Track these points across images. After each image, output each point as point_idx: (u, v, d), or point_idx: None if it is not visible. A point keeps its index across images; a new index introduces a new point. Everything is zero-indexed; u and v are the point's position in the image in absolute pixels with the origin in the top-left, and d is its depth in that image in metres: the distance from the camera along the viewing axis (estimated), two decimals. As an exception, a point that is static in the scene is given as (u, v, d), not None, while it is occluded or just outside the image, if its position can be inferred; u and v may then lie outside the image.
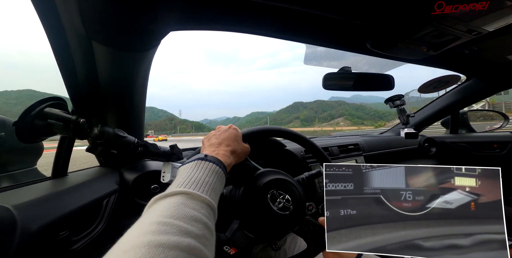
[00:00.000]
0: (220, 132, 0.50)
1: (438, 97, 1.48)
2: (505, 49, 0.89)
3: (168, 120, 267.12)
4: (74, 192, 0.54)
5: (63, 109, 0.52)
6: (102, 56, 0.52)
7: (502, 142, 1.35)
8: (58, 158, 0.62)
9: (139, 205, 0.68)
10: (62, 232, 0.46)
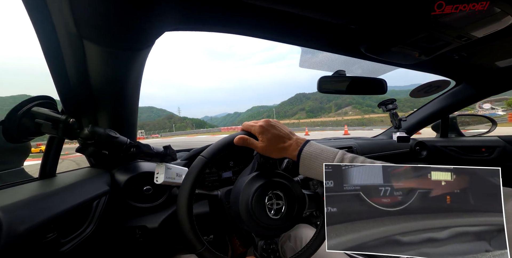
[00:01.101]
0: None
1: (429, 101, 1.51)
2: (494, 55, 0.92)
3: (167, 119, 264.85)
4: (63, 193, 0.53)
5: (52, 108, 0.51)
6: (93, 55, 0.51)
7: (490, 146, 1.39)
8: (46, 158, 0.60)
9: (131, 207, 0.67)
10: (50, 234, 0.45)
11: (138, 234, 0.66)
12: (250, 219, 0.49)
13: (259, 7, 0.55)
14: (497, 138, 1.39)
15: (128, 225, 0.66)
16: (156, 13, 0.49)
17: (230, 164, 1.01)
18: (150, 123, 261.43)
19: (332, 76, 0.91)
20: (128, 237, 0.66)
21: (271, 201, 0.50)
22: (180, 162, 0.85)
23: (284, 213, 0.50)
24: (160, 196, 0.72)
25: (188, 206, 0.47)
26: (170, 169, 0.60)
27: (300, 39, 0.74)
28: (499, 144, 1.36)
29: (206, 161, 0.48)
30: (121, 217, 0.67)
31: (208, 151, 0.49)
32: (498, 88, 1.25)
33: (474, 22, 0.56)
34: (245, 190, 0.51)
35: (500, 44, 0.80)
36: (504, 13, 0.53)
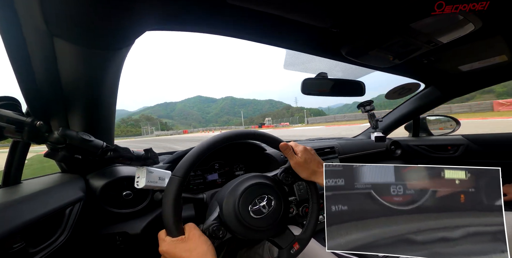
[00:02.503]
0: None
1: (402, 103, 1.62)
2: (457, 60, 1.01)
3: (285, 109, 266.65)
4: (29, 201, 0.49)
5: (15, 110, 0.46)
6: (65, 54, 0.47)
7: (455, 145, 1.52)
8: (10, 164, 0.55)
9: (110, 213, 0.63)
10: (16, 244, 0.42)
11: (119, 240, 0.63)
12: (238, 223, 0.48)
13: (243, 9, 0.55)
14: (461, 137, 1.52)
15: (107, 232, 0.63)
16: (136, 11, 0.46)
17: (215, 166, 0.99)
18: (270, 113, 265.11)
19: (314, 78, 0.94)
20: (108, 244, 0.63)
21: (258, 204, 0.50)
22: (163, 166, 0.82)
23: (270, 214, 0.51)
24: (142, 201, 0.69)
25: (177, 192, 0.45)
26: (152, 172, 0.57)
27: (284, 41, 0.76)
28: (463, 143, 1.49)
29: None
30: (99, 224, 0.64)
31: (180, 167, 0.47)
32: (460, 90, 1.38)
33: (440, 28, 0.62)
34: (231, 192, 0.51)
35: (462, 50, 0.89)
36: (466, 21, 0.58)
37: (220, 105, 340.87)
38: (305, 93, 0.94)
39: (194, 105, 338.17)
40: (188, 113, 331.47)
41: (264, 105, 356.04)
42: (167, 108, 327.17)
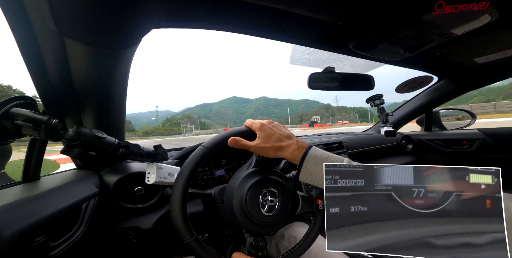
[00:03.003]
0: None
1: (414, 96, 1.57)
2: (472, 52, 0.97)
3: (324, 109, 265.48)
4: (49, 196, 0.51)
5: (32, 109, 0.48)
6: (76, 54, 0.49)
7: (470, 139, 1.46)
8: (29, 161, 0.58)
9: (123, 208, 0.66)
10: (38, 238, 0.44)
11: (131, 235, 0.65)
12: (243, 216, 0.49)
13: (249, 4, 0.55)
14: (476, 131, 1.46)
15: (120, 227, 0.65)
16: (142, 9, 0.47)
17: (223, 162, 1.01)
18: (308, 113, 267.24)
19: (321, 73, 0.92)
20: (121, 239, 0.65)
21: (265, 198, 0.51)
22: (172, 162, 0.84)
23: (278, 210, 0.51)
24: (152, 196, 0.71)
25: (182, 197, 0.47)
26: (162, 168, 0.59)
27: (290, 36, 0.75)
28: (478, 137, 1.43)
29: (206, 152, 0.49)
30: (113, 219, 0.66)
31: (210, 142, 0.50)
32: (476, 83, 1.32)
33: (454, 20, 0.59)
34: (239, 187, 0.51)
35: (478, 41, 0.85)
36: (482, 12, 0.55)
37: (254, 105, 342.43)
38: (312, 88, 0.93)
39: (230, 105, 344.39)
40: (224, 113, 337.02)
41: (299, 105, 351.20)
42: (205, 108, 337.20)
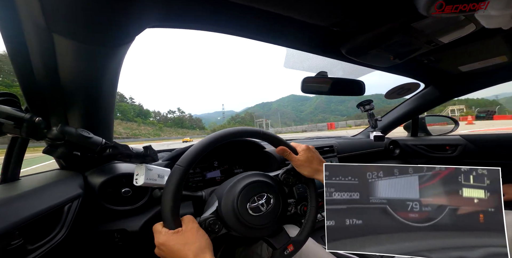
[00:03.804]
0: (167, 249, 0.41)
1: (401, 103, 1.62)
2: (457, 60, 1.02)
3: None
4: (28, 198, 0.48)
5: (14, 106, 0.46)
6: (64, 50, 0.47)
7: (453, 145, 1.52)
8: (8, 160, 0.55)
9: (109, 210, 0.63)
10: (14, 241, 0.41)
11: (117, 238, 0.63)
12: (235, 218, 0.48)
13: (244, 6, 0.55)
14: (459, 137, 1.52)
15: (105, 229, 0.63)
16: (136, 7, 0.46)
17: (214, 164, 0.99)
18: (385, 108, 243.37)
19: (314, 77, 0.93)
20: (106, 242, 0.63)
21: (257, 201, 0.51)
22: (162, 163, 0.82)
23: (268, 213, 0.51)
24: (141, 198, 0.69)
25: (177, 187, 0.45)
26: (151, 170, 0.57)
27: (284, 39, 0.75)
28: (461, 143, 1.49)
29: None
30: (98, 221, 0.64)
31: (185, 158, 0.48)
32: (460, 91, 1.38)
33: (441, 28, 0.62)
34: (231, 188, 0.51)
35: (463, 50, 0.89)
36: (467, 21, 0.58)
37: (314, 103, 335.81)
38: (304, 92, 0.94)
39: (288, 104, 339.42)
40: (283, 112, 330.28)
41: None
42: (264, 107, 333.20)
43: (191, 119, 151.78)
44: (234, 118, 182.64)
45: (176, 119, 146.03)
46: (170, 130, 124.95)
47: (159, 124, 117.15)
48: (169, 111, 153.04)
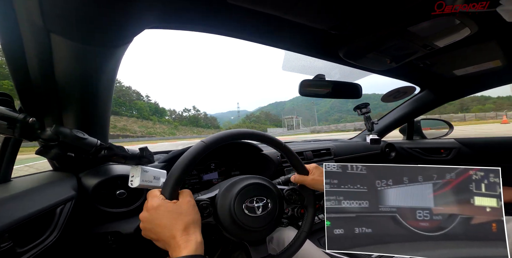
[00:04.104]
0: (154, 217, 0.40)
1: (397, 106, 1.64)
2: (452, 64, 1.03)
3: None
4: (19, 199, 0.47)
5: (8, 106, 0.45)
6: (61, 50, 0.46)
7: (448, 148, 1.54)
8: (0, 161, 0.53)
9: (103, 212, 0.62)
10: (3, 243, 0.41)
11: (111, 240, 0.62)
12: (228, 213, 0.48)
13: (243, 9, 0.55)
14: (453, 141, 1.54)
15: (99, 231, 0.62)
16: (134, 8, 0.46)
17: (211, 166, 0.99)
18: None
19: (312, 80, 0.94)
20: (100, 244, 0.62)
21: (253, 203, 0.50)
22: (158, 165, 0.81)
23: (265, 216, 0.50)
24: (136, 200, 0.68)
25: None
26: (147, 172, 0.57)
27: (283, 42, 0.76)
28: (455, 146, 1.51)
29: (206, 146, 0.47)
30: (91, 223, 0.62)
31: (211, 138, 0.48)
32: (454, 94, 1.40)
33: (437, 32, 0.63)
34: (228, 192, 0.50)
35: (458, 54, 0.90)
36: (462, 25, 0.59)
37: (329, 102, 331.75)
38: (302, 95, 0.94)
39: (302, 103, 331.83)
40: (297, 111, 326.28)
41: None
42: (277, 107, 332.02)
43: (206, 118, 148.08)
44: (249, 117, 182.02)
45: (191, 118, 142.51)
46: (186, 128, 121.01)
47: (174, 123, 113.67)
48: (185, 109, 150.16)
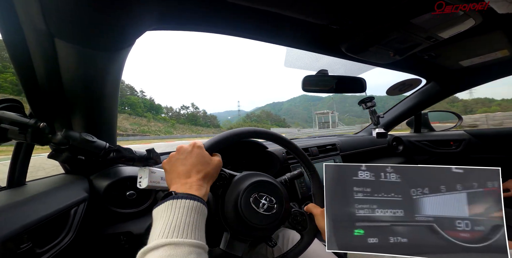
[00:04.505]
0: (185, 156, 0.45)
1: (403, 99, 1.61)
2: (458, 55, 1.01)
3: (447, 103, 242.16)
4: (35, 202, 0.49)
5: (19, 112, 0.47)
6: (66, 55, 0.47)
7: (457, 140, 1.51)
8: (14, 166, 0.56)
9: (114, 213, 0.64)
10: (23, 245, 0.42)
11: (123, 240, 0.63)
12: (239, 220, 0.48)
13: (242, 7, 0.55)
14: (463, 132, 1.51)
15: (111, 232, 0.63)
16: (135, 11, 0.46)
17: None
18: None
19: (315, 75, 0.93)
20: (113, 244, 0.63)
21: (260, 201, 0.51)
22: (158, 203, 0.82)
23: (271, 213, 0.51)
24: (145, 200, 0.69)
25: None
26: (154, 173, 0.58)
27: (283, 39, 0.75)
28: (465, 138, 1.48)
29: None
30: (103, 224, 0.64)
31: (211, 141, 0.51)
32: (462, 86, 1.37)
33: (441, 24, 0.61)
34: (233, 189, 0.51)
35: (463, 45, 0.88)
36: (466, 16, 0.58)
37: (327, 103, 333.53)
38: (306, 91, 0.94)
39: (300, 104, 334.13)
40: (295, 112, 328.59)
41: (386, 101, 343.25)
42: (275, 107, 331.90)
43: (206, 116, 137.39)
44: (249, 117, 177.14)
45: (190, 116, 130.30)
46: (183, 127, 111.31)
47: (171, 121, 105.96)
48: (182, 107, 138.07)
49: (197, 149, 0.46)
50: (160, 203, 0.37)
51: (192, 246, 0.31)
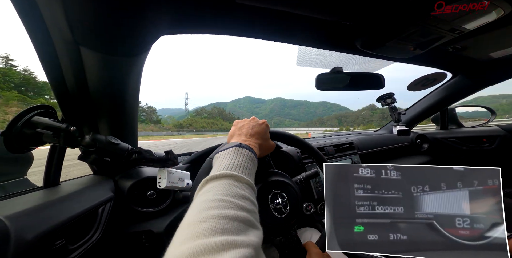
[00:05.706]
0: (254, 125, 0.53)
1: (427, 94, 1.52)
2: (487, 46, 0.93)
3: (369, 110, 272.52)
4: (68, 201, 0.53)
5: (52, 117, 0.51)
6: (91, 62, 0.51)
7: (491, 136, 1.39)
8: (50, 167, 0.61)
9: (136, 212, 0.67)
10: (58, 241, 0.45)
11: (145, 238, 0.66)
12: None
13: (252, 7, 0.56)
14: (497, 128, 1.39)
15: (134, 230, 0.66)
16: (151, 17, 0.49)
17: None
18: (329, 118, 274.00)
19: (329, 73, 0.91)
20: (135, 242, 0.66)
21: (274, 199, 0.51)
22: (182, 166, 0.85)
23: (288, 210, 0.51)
24: (164, 200, 0.72)
25: None
26: (172, 173, 0.60)
27: (295, 37, 0.75)
28: (499, 134, 1.36)
29: None
30: (127, 223, 0.67)
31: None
32: (493, 78, 1.26)
33: (465, 15, 0.57)
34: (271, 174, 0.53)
35: (492, 35, 0.81)
36: (494, 6, 0.53)
37: (269, 106, 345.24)
38: (320, 89, 0.92)
39: (244, 105, 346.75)
40: (238, 113, 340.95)
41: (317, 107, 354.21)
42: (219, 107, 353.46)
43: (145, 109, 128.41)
44: (199, 113, 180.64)
45: None
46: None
47: None
48: None
49: (266, 126, 0.54)
50: (226, 148, 0.44)
51: (249, 184, 0.35)
